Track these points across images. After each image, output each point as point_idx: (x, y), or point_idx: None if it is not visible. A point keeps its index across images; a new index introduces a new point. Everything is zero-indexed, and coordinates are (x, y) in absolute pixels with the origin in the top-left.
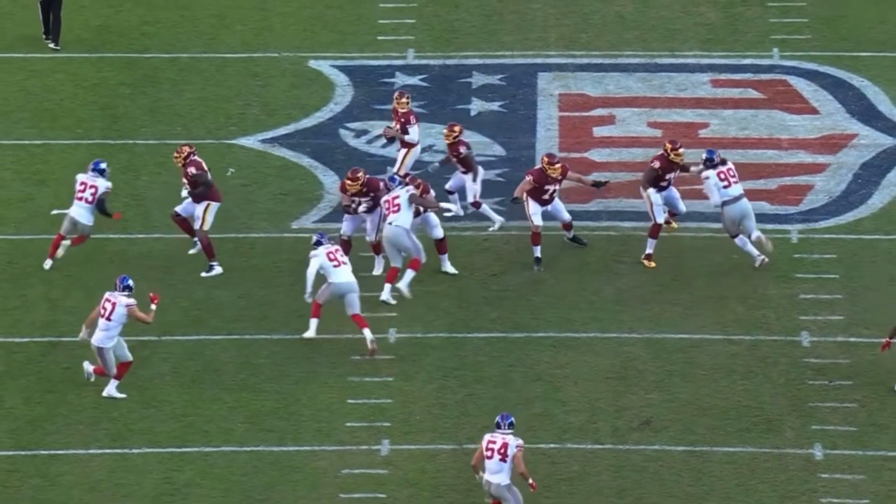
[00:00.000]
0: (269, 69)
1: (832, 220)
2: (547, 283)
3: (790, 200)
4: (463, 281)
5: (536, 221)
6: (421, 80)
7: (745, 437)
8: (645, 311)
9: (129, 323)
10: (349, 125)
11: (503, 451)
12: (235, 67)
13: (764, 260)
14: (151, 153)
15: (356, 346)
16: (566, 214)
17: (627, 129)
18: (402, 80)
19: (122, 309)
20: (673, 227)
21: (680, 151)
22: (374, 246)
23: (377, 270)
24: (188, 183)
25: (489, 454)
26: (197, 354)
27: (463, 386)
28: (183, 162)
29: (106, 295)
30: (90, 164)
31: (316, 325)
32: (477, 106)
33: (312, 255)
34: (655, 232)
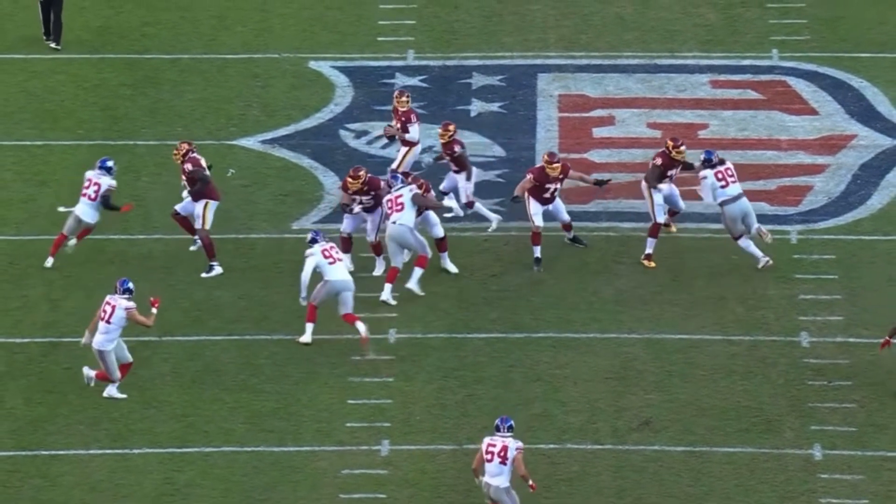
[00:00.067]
0: (269, 70)
1: (831, 220)
2: (547, 283)
3: (789, 201)
4: (463, 281)
5: (538, 222)
6: (421, 80)
7: (744, 437)
8: (644, 311)
9: (129, 324)
10: (349, 126)
11: (503, 454)
12: (236, 68)
13: (768, 262)
14: (152, 154)
15: (356, 346)
16: (566, 215)
17: (627, 129)
18: (402, 80)
19: (121, 312)
20: (672, 229)
21: (682, 149)
22: (374, 246)
23: (377, 271)
24: (186, 180)
25: (489, 457)
26: (197, 355)
27: (463, 386)
28: (182, 159)
29: (107, 298)
30: (98, 161)
31: (311, 329)
32: (477, 107)
33: (308, 253)
34: (655, 231)
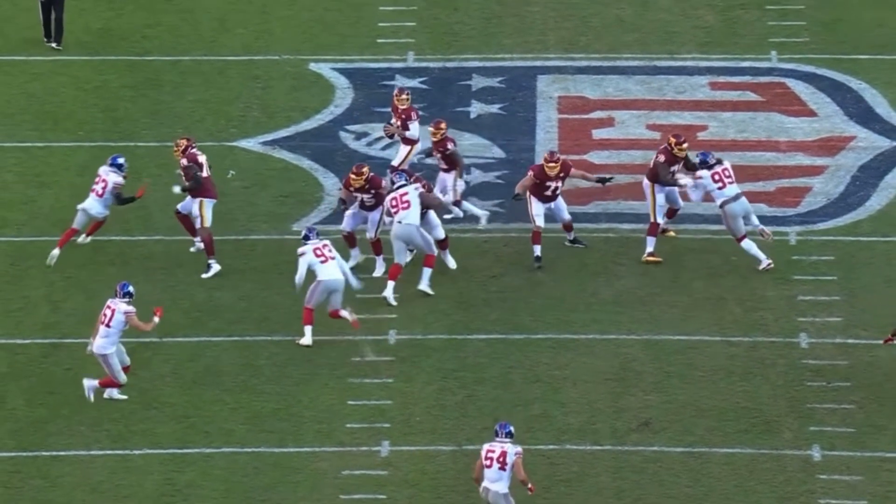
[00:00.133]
0: (269, 72)
1: (830, 222)
2: (546, 284)
3: (788, 202)
4: (463, 283)
5: (539, 222)
6: (421, 82)
7: (743, 438)
8: (643, 312)
9: (129, 327)
10: (349, 127)
11: (502, 459)
12: (236, 70)
13: (769, 265)
14: (152, 155)
15: (356, 347)
16: (567, 214)
17: (626, 131)
18: (402, 82)
19: (120, 316)
20: (671, 234)
21: (684, 146)
22: (374, 244)
23: (378, 272)
24: (183, 175)
25: (488, 463)
26: (198, 356)
27: (463, 387)
28: (181, 155)
29: (107, 302)
30: (110, 158)
31: (310, 331)
32: (476, 108)
33: (300, 252)
34: (654, 230)
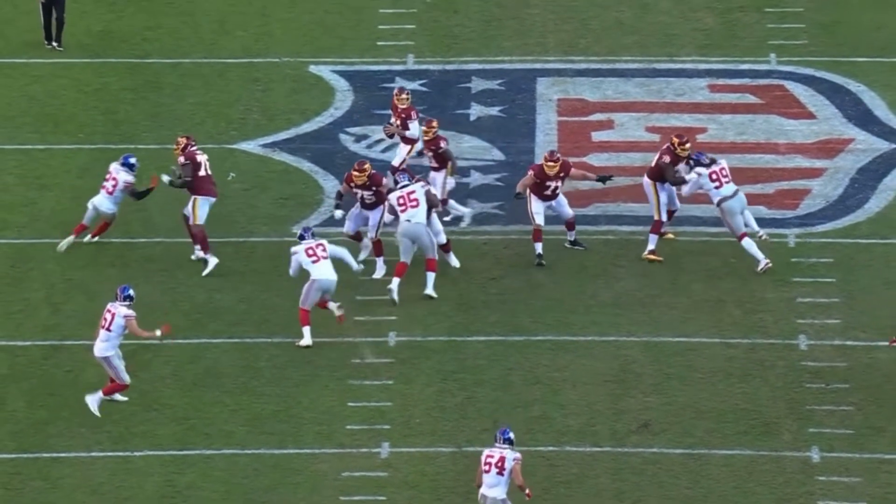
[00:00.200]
0: (269, 74)
1: (829, 224)
2: (546, 286)
3: (787, 205)
4: (462, 284)
5: (538, 220)
6: (420, 84)
7: (742, 439)
8: (643, 314)
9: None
10: (349, 130)
11: (500, 464)
12: (236, 72)
13: (768, 264)
14: (153, 158)
15: (356, 349)
16: (568, 210)
17: (626, 133)
18: (401, 84)
19: (120, 320)
20: (670, 236)
21: (686, 146)
22: (375, 244)
23: (378, 273)
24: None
25: (486, 468)
26: (198, 358)
27: (462, 389)
28: (181, 153)
29: (108, 305)
30: (122, 157)
31: (308, 331)
32: (476, 111)
33: (292, 251)
34: (657, 228)
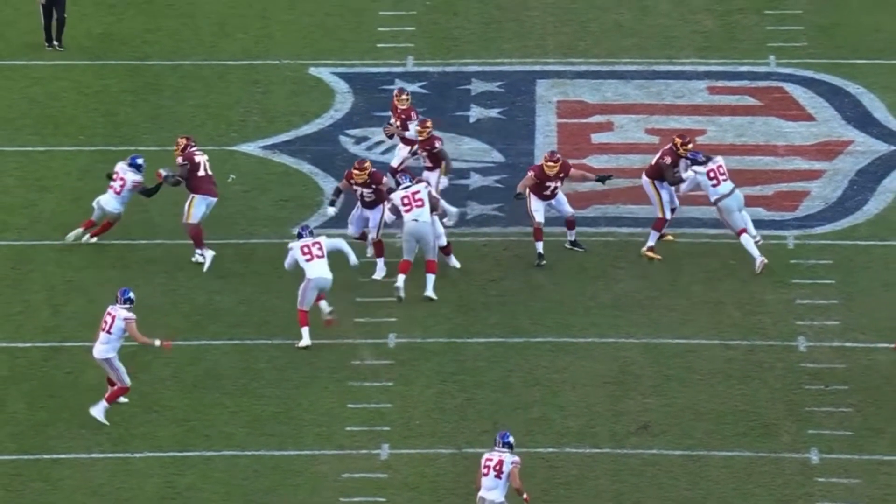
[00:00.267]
0: (269, 76)
1: (828, 226)
2: (545, 288)
3: (786, 207)
4: (462, 286)
5: (538, 218)
6: (420, 87)
7: (741, 441)
8: (642, 316)
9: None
10: (349, 132)
11: (498, 468)
12: (236, 75)
13: (764, 262)
14: (153, 160)
15: (356, 350)
16: (569, 208)
17: (625, 135)
18: (401, 86)
19: (120, 322)
20: (669, 238)
21: (689, 146)
22: (375, 244)
23: (378, 275)
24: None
25: (485, 471)
26: (198, 359)
27: (462, 390)
28: (180, 154)
29: (108, 308)
30: (129, 157)
31: (307, 332)
32: (476, 113)
33: (289, 246)
34: (660, 225)
